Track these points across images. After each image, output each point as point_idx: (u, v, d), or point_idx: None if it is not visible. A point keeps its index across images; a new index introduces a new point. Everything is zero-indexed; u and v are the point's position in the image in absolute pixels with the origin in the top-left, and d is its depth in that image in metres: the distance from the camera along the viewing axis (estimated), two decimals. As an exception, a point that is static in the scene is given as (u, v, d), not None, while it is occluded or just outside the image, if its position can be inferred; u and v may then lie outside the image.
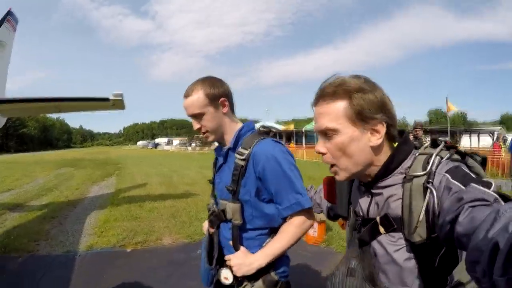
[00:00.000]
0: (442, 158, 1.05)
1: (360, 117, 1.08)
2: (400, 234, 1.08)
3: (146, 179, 14.87)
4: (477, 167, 1.09)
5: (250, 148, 1.65)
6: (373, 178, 1.16)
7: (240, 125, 1.81)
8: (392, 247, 1.10)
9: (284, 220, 1.70)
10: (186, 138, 79.79)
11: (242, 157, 1.65)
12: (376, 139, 1.10)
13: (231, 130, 1.78)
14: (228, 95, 1.76)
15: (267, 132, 1.78)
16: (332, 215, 1.65)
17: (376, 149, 1.12)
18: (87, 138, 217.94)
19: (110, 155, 45.97)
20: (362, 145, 1.10)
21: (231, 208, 1.70)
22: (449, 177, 0.97)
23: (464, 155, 1.11)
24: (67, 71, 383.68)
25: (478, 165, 1.10)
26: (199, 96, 1.67)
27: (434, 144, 1.15)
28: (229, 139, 1.78)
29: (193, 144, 65.48)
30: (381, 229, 1.12)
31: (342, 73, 1.16)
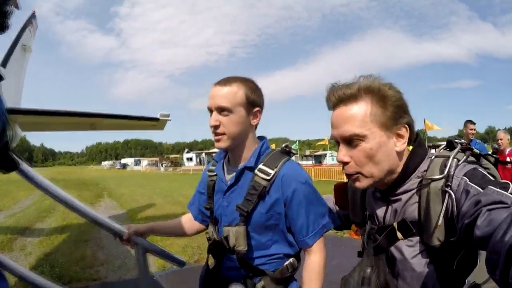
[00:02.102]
0: (459, 160, 1.03)
1: (388, 122, 1.06)
2: (418, 238, 1.07)
3: (148, 200, 14.21)
4: (492, 169, 1.09)
5: (276, 168, 1.47)
6: (390, 184, 1.13)
7: (259, 144, 1.59)
8: (410, 251, 1.08)
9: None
10: (158, 159, 78.23)
11: (267, 177, 1.45)
12: (401, 144, 1.09)
13: (250, 146, 1.56)
14: (262, 109, 1.57)
15: (288, 152, 1.59)
16: (341, 224, 1.61)
17: (400, 155, 1.11)
18: (48, 157, 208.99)
19: (81, 175, 44.08)
20: (389, 151, 1.08)
21: (234, 232, 1.48)
22: (467, 180, 0.96)
23: (478, 157, 1.11)
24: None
25: (492, 166, 1.10)
26: (238, 91, 1.45)
27: (450, 146, 1.13)
28: (245, 155, 1.55)
29: (164, 165, 64.39)
30: (399, 235, 1.11)
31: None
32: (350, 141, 1.06)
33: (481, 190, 0.90)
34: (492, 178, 0.98)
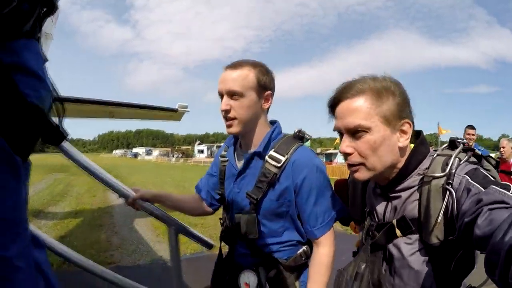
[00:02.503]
0: (460, 160, 1.03)
1: (392, 117, 1.07)
2: (417, 236, 1.06)
3: (160, 189, 13.92)
4: (493, 170, 1.10)
5: (287, 154, 1.43)
6: (390, 180, 1.14)
7: (270, 128, 1.55)
8: (408, 249, 1.08)
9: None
10: (169, 149, 78.73)
11: (277, 164, 1.42)
12: (405, 140, 1.10)
13: (261, 131, 1.52)
14: (274, 92, 1.53)
15: (301, 137, 1.54)
16: (342, 219, 1.58)
17: (402, 150, 1.11)
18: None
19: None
20: (392, 145, 1.08)
21: (244, 220, 1.48)
22: (469, 179, 0.96)
23: (480, 158, 1.11)
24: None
25: (493, 168, 1.12)
26: (249, 74, 1.42)
27: (452, 145, 1.13)
28: (256, 140, 1.51)
29: (175, 156, 64.77)
30: (398, 232, 1.11)
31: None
32: (355, 132, 1.07)
33: (483, 189, 0.91)
34: (493, 179, 0.98)
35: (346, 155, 1.11)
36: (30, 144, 0.78)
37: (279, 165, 1.41)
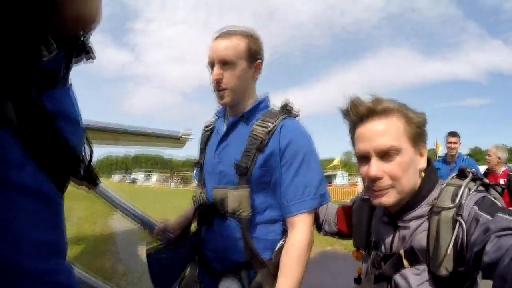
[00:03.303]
0: (470, 190, 1.03)
1: (416, 138, 1.08)
2: (424, 267, 1.05)
3: (161, 215, 14.06)
4: (499, 198, 1.08)
5: (276, 121, 1.37)
6: (400, 208, 1.12)
7: (259, 99, 1.51)
8: (416, 280, 1.05)
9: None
10: (168, 174, 78.39)
11: (265, 129, 1.35)
12: (424, 162, 1.11)
13: (250, 100, 1.48)
14: (263, 61, 1.50)
15: (289, 111, 1.48)
16: (328, 230, 1.57)
17: (420, 174, 1.11)
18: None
19: (92, 188, 44.12)
20: (416, 168, 1.09)
21: (236, 195, 1.34)
22: (477, 209, 0.96)
23: (488, 186, 1.10)
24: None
25: (499, 196, 1.10)
26: (240, 43, 1.39)
27: (461, 175, 1.11)
28: (244, 110, 1.46)
29: (175, 181, 64.42)
30: (405, 263, 1.08)
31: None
32: (385, 154, 1.05)
33: (491, 218, 0.91)
34: (500, 206, 0.99)
35: (374, 180, 1.07)
36: (68, 181, 0.87)
37: (267, 129, 1.35)
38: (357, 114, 1.12)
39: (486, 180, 1.11)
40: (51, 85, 0.85)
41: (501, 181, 4.75)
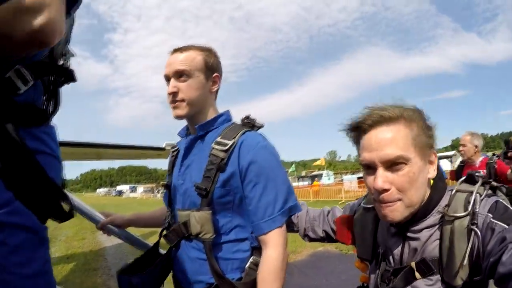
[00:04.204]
0: (480, 195, 0.99)
1: (425, 147, 1.03)
2: (438, 277, 1.01)
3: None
4: (506, 200, 1.04)
5: (234, 138, 1.34)
6: (410, 218, 1.06)
7: (218, 114, 1.49)
8: None
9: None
10: (154, 185, 77.57)
11: (223, 148, 1.32)
12: (433, 171, 1.06)
13: (209, 115, 1.46)
14: (221, 76, 1.50)
15: (251, 125, 1.45)
16: (314, 237, 1.51)
17: (429, 183, 1.07)
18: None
19: (77, 203, 43.21)
20: (425, 177, 1.04)
21: (198, 218, 1.32)
22: (491, 217, 0.93)
23: (495, 189, 1.08)
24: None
25: (505, 197, 1.07)
26: (196, 56, 1.40)
27: (470, 180, 1.08)
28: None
29: (160, 191, 63.76)
30: (417, 275, 1.04)
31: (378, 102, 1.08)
32: (393, 164, 0.99)
33: (506, 227, 0.89)
34: None
35: (382, 192, 1.01)
36: (51, 213, 0.91)
37: (225, 148, 1.31)
38: (364, 120, 1.06)
39: (494, 183, 1.07)
40: (32, 120, 0.86)
41: (480, 173, 3.76)
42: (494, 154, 4.37)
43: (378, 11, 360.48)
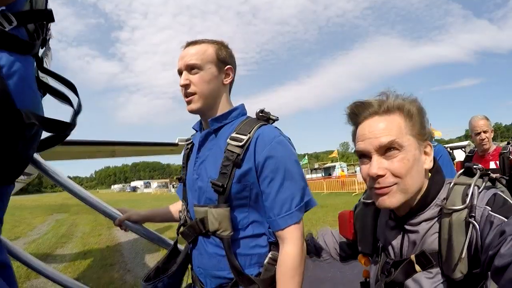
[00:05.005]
0: (479, 187, 0.99)
1: (421, 136, 1.04)
2: (438, 270, 1.01)
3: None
4: (506, 191, 1.04)
5: (250, 132, 1.31)
6: (408, 211, 1.08)
7: (232, 107, 1.48)
8: (430, 284, 1.02)
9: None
10: (168, 180, 78.22)
11: (239, 143, 1.29)
12: (429, 162, 1.06)
13: (223, 109, 1.44)
14: (235, 68, 1.49)
15: (267, 118, 1.43)
16: (345, 255, 1.52)
17: (426, 174, 1.07)
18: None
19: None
20: (421, 167, 1.04)
21: (215, 214, 1.30)
22: (490, 210, 0.93)
23: (494, 181, 1.06)
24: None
25: (505, 189, 1.06)
26: (208, 49, 1.39)
27: (468, 172, 1.07)
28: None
29: (174, 186, 64.37)
30: (417, 268, 1.04)
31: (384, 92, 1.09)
32: (387, 150, 1.01)
33: (505, 220, 0.89)
34: None
35: (376, 178, 1.02)
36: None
37: (241, 144, 1.29)
38: (358, 115, 1.09)
39: (493, 175, 1.06)
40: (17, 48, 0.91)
41: (492, 165, 3.77)
42: (509, 143, 3.77)
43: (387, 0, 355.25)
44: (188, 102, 1.39)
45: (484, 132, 3.64)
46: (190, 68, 1.37)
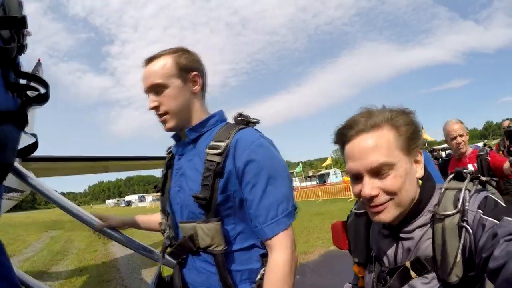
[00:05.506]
0: (469, 191, 0.99)
1: (410, 147, 1.02)
2: (433, 275, 1.01)
3: (160, 237, 13.82)
4: (496, 193, 1.06)
5: (228, 138, 1.25)
6: (402, 219, 1.07)
7: (209, 115, 1.41)
8: None
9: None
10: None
11: (217, 151, 1.23)
12: (420, 170, 1.06)
13: (200, 116, 1.38)
14: (202, 72, 1.41)
15: (246, 122, 1.37)
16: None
17: (417, 183, 1.07)
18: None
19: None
20: (413, 178, 1.04)
21: (206, 230, 1.23)
22: (481, 213, 0.93)
23: (484, 184, 1.07)
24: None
25: (496, 190, 1.08)
26: (166, 63, 1.32)
27: (458, 176, 1.08)
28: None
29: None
30: (413, 274, 1.04)
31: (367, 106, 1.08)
32: (378, 171, 0.99)
33: (497, 222, 0.89)
34: (504, 205, 0.96)
35: (370, 199, 1.01)
36: None
37: (219, 151, 1.23)
38: (346, 130, 1.05)
39: (483, 178, 1.07)
40: None
41: (470, 167, 3.53)
42: (485, 145, 3.79)
43: (375, 5, 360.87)
44: (163, 122, 1.35)
45: (460, 136, 3.60)
46: (155, 89, 1.32)
